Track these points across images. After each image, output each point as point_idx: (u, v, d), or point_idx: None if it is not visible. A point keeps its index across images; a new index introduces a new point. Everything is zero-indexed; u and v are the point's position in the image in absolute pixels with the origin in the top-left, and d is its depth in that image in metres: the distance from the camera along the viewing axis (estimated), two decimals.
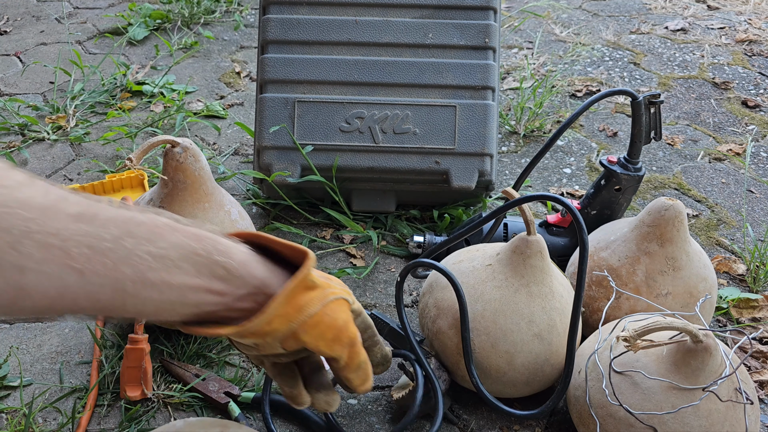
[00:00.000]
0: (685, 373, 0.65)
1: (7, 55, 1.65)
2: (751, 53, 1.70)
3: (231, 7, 1.90)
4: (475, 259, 0.80)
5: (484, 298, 0.75)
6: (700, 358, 0.64)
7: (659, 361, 0.67)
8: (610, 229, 0.87)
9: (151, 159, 1.27)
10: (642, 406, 0.66)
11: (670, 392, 0.65)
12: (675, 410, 0.65)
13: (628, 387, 0.67)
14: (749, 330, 0.94)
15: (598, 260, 0.84)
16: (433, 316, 0.79)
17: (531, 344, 0.74)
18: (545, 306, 0.75)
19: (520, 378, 0.76)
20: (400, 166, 1.04)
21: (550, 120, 1.41)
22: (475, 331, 0.75)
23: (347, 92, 1.06)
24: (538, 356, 0.75)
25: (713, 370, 0.65)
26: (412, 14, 1.08)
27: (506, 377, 0.75)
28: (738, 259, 1.06)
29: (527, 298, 0.74)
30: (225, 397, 0.80)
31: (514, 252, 0.75)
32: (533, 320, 0.74)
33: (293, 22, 1.07)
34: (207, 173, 0.82)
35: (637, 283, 0.80)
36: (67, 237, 0.42)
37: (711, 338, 0.64)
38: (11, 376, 0.84)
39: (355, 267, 1.02)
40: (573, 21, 1.87)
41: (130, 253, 0.44)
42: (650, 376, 0.66)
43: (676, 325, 0.63)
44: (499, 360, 0.74)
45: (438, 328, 0.78)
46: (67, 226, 0.42)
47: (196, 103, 1.45)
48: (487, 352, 0.75)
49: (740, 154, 1.32)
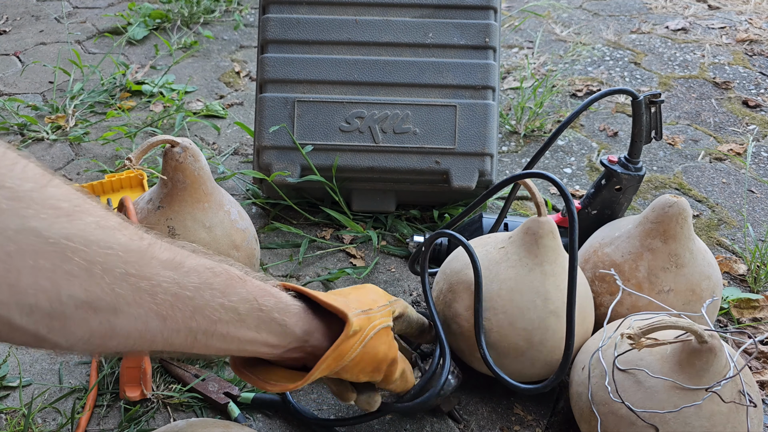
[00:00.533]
0: (688, 373, 0.65)
1: (7, 55, 1.65)
2: (751, 53, 1.70)
3: (231, 7, 1.89)
4: (488, 244, 0.81)
5: (499, 278, 0.76)
6: (704, 358, 0.64)
7: (663, 361, 0.67)
8: (615, 225, 0.88)
9: (150, 159, 1.27)
10: (644, 404, 0.66)
11: (673, 392, 0.65)
12: (677, 410, 0.64)
13: (631, 385, 0.67)
14: (750, 330, 0.93)
15: (602, 256, 0.84)
16: (448, 301, 0.79)
17: (548, 321, 0.74)
18: (559, 284, 0.75)
19: (539, 356, 0.76)
20: (400, 166, 1.04)
21: (550, 120, 1.41)
22: (492, 310, 0.75)
23: (347, 92, 1.05)
24: (555, 333, 0.75)
25: (717, 371, 0.65)
26: (412, 14, 1.08)
27: (525, 356, 0.76)
28: (738, 259, 1.06)
29: (541, 277, 0.75)
30: (225, 397, 0.80)
31: (527, 233, 0.76)
32: (548, 298, 0.75)
33: (293, 21, 1.07)
34: (207, 173, 0.82)
35: (639, 279, 0.81)
36: (156, 283, 0.45)
37: (716, 339, 0.64)
38: (10, 376, 0.84)
39: (355, 267, 1.02)
40: (573, 20, 1.87)
41: (206, 304, 0.49)
42: (653, 375, 0.66)
43: (681, 324, 0.63)
44: (517, 338, 0.75)
45: (454, 312, 0.78)
46: (158, 272, 0.45)
47: (196, 103, 1.45)
48: (505, 330, 0.75)
49: (741, 154, 1.32)
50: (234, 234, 0.83)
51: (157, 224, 0.79)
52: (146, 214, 0.81)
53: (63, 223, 0.40)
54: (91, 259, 0.41)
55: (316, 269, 1.03)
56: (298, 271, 1.02)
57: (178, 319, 0.47)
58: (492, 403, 0.82)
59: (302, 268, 1.03)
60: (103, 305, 0.43)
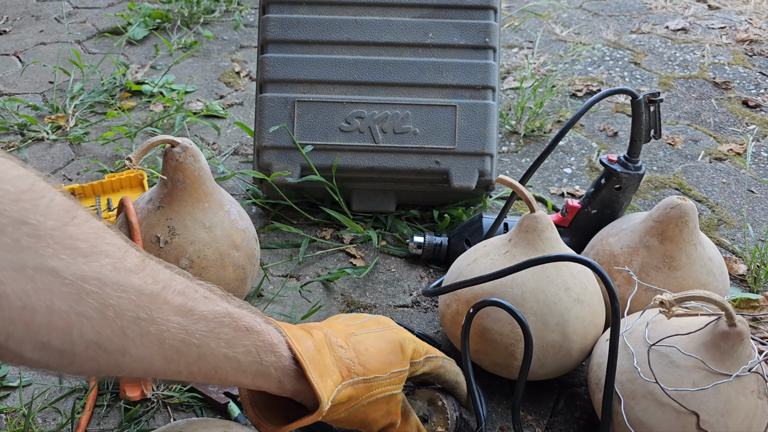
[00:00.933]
0: (712, 355, 0.65)
1: (7, 55, 1.65)
2: (751, 53, 1.70)
3: (231, 7, 1.89)
4: (489, 253, 0.80)
5: (517, 282, 0.76)
6: (731, 342, 0.64)
7: (689, 339, 0.67)
8: (627, 218, 0.89)
9: (150, 159, 1.27)
10: (675, 384, 0.66)
11: (695, 371, 0.65)
12: (695, 389, 0.64)
13: (659, 366, 0.67)
14: (749, 330, 0.93)
15: (605, 245, 0.86)
16: (474, 318, 0.78)
17: (575, 310, 0.75)
18: (572, 271, 0.76)
19: (575, 346, 0.76)
20: (400, 166, 1.04)
21: (550, 120, 1.41)
22: (523, 315, 0.74)
23: (347, 92, 1.06)
24: (584, 319, 0.76)
25: (741, 359, 0.65)
26: (412, 14, 1.08)
27: (563, 349, 0.76)
28: (738, 259, 1.06)
29: (555, 269, 0.76)
30: (224, 397, 0.80)
31: (527, 231, 0.77)
32: (569, 287, 0.75)
33: (293, 21, 1.07)
34: (207, 173, 0.82)
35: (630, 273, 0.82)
36: (165, 328, 0.47)
37: (745, 325, 0.64)
38: (10, 376, 0.84)
39: (355, 267, 1.02)
40: (573, 20, 1.87)
41: (211, 353, 0.51)
42: (685, 352, 0.66)
43: (716, 299, 0.62)
44: (553, 335, 0.75)
45: (483, 327, 0.77)
46: (168, 317, 0.47)
47: (196, 103, 1.45)
48: (540, 331, 0.75)
49: (741, 154, 1.32)
50: (234, 234, 0.83)
51: (157, 224, 0.79)
52: (146, 214, 0.81)
53: (80, 264, 0.41)
54: (105, 301, 0.43)
55: (316, 269, 1.03)
56: (298, 271, 1.02)
57: (181, 363, 0.49)
58: (492, 403, 0.82)
59: (302, 268, 1.03)
60: (113, 347, 0.44)
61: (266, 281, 0.99)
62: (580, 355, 0.78)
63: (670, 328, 0.69)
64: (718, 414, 0.64)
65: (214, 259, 0.81)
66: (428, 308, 0.96)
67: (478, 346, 0.78)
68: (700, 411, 0.64)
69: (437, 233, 1.06)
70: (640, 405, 0.67)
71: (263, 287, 0.98)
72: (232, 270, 0.83)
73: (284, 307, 0.95)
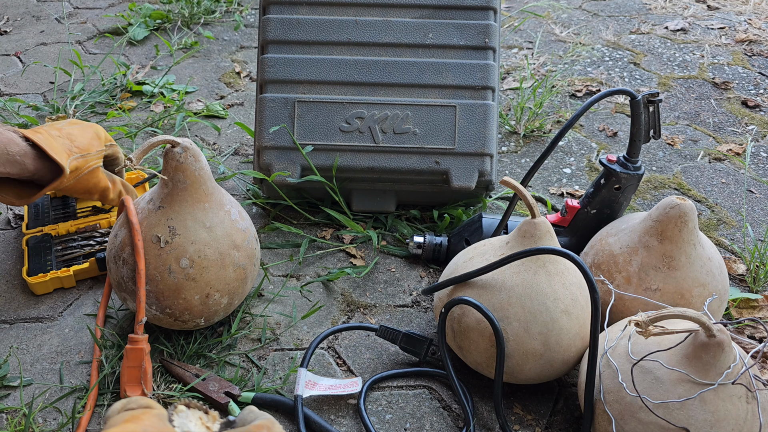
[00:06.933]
0: (695, 367, 0.65)
1: (7, 55, 1.65)
2: (751, 53, 1.70)
3: (231, 7, 1.90)
4: (486, 252, 0.81)
5: (506, 286, 0.76)
6: (712, 352, 0.64)
7: (671, 354, 0.67)
8: (626, 218, 0.89)
9: (151, 159, 1.27)
10: (658, 397, 0.66)
11: (679, 384, 0.65)
12: (681, 400, 0.65)
13: (642, 381, 0.67)
14: (749, 330, 0.94)
15: (604, 245, 0.86)
16: (458, 315, 0.79)
17: (561, 321, 0.75)
18: (564, 282, 0.76)
19: (557, 357, 0.76)
20: (400, 166, 1.04)
21: (550, 120, 1.41)
22: (506, 319, 0.75)
23: (347, 92, 1.06)
24: (570, 331, 0.76)
25: (725, 367, 0.65)
26: (412, 14, 1.08)
27: (543, 358, 0.76)
28: (738, 259, 1.06)
29: (547, 278, 0.76)
30: (225, 397, 0.80)
31: (524, 237, 0.77)
32: (557, 297, 0.75)
33: (293, 22, 1.07)
34: (207, 173, 0.82)
35: (629, 273, 0.82)
36: None
37: (725, 334, 0.64)
38: (11, 375, 0.84)
39: (355, 267, 1.02)
40: (573, 21, 1.87)
41: None
42: (667, 366, 0.66)
43: (690, 315, 0.63)
44: (534, 342, 0.75)
45: (466, 325, 0.78)
46: None
47: (196, 103, 1.45)
48: (521, 337, 0.75)
49: (740, 154, 1.32)
50: (234, 234, 0.83)
51: (158, 224, 0.80)
52: (147, 214, 0.81)
53: None
54: None
55: (316, 269, 1.03)
56: (299, 271, 1.02)
57: None
58: (492, 403, 0.83)
59: (302, 268, 1.03)
60: None
61: (267, 281, 0.99)
62: (562, 365, 0.77)
63: (652, 342, 0.69)
64: (708, 426, 0.64)
65: (215, 258, 0.81)
66: (428, 308, 0.96)
67: (462, 344, 0.79)
68: (689, 425, 0.64)
69: (437, 233, 1.06)
70: (629, 425, 0.67)
71: (264, 287, 0.98)
72: (233, 270, 0.83)
73: (284, 307, 0.95)
